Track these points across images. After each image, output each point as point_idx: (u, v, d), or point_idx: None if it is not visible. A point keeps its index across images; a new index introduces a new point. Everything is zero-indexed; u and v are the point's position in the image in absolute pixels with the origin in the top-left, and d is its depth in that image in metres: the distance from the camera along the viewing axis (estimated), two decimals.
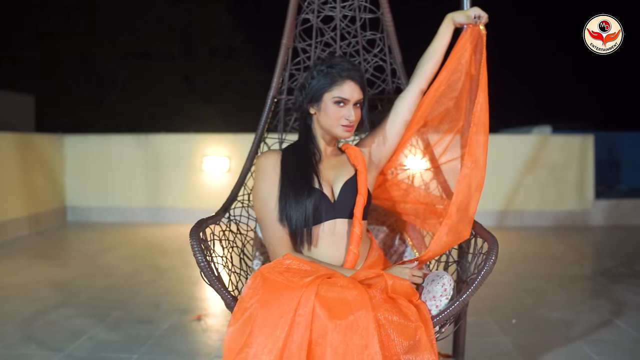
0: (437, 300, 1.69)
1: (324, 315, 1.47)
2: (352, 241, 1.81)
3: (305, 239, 1.81)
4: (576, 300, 3.66)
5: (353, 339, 1.45)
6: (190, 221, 1.83)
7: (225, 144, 7.08)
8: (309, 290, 1.51)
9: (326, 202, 1.83)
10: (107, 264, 4.70)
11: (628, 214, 6.95)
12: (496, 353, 2.74)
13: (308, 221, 1.79)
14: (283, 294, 1.52)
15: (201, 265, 1.69)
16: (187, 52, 15.89)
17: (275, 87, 2.36)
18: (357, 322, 1.47)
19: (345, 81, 1.84)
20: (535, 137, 7.17)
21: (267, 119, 2.33)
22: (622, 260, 4.83)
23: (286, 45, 2.37)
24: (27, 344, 2.82)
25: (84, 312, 3.34)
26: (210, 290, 3.84)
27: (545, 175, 6.93)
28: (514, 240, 5.88)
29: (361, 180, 1.87)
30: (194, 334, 3.00)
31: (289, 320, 1.46)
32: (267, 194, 1.85)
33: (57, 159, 6.94)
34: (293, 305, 1.48)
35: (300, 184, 1.82)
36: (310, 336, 1.46)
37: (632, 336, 2.94)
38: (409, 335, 1.53)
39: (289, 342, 1.45)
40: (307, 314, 1.47)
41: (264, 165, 1.88)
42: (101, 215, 7.07)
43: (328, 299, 1.51)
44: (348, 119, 1.84)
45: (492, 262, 1.71)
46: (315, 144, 1.93)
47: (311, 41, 2.43)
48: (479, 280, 1.69)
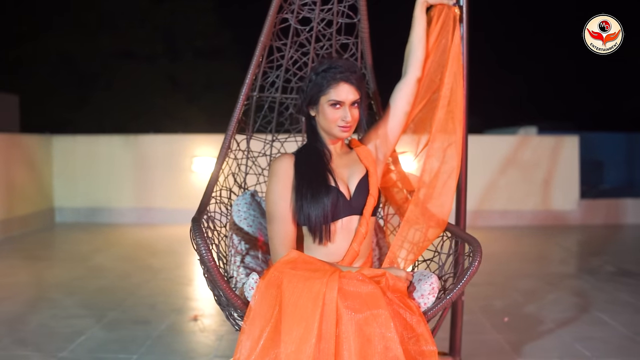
0: (425, 298, 1.77)
1: (346, 308, 1.53)
2: (356, 239, 1.88)
3: (324, 235, 1.86)
4: (565, 298, 3.73)
5: (374, 331, 1.51)
6: (179, 222, 1.87)
7: (214, 145, 7.08)
8: (332, 282, 1.57)
9: (343, 199, 1.89)
10: (98, 265, 4.69)
11: (612, 213, 7.07)
12: (490, 350, 2.79)
13: (327, 218, 1.85)
14: (306, 285, 1.57)
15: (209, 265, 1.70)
16: (172, 52, 15.82)
17: (248, 84, 2.33)
18: (376, 315, 1.53)
19: (339, 83, 1.87)
20: (522, 137, 7.27)
21: (239, 116, 2.32)
22: (608, 259, 4.92)
23: (263, 43, 2.35)
24: (23, 346, 2.81)
25: (79, 313, 3.34)
26: (204, 291, 3.86)
27: (532, 175, 7.02)
28: (501, 240, 5.95)
29: (372, 181, 1.94)
30: (191, 334, 3.02)
31: (318, 311, 1.52)
32: (279, 195, 1.89)
33: (44, 159, 6.90)
34: (320, 297, 1.54)
35: (317, 182, 1.87)
36: (336, 328, 1.52)
37: (621, 333, 3.01)
38: (413, 328, 1.60)
39: (321, 332, 1.51)
40: (333, 306, 1.53)
41: (277, 168, 1.93)
42: (89, 216, 7.04)
43: (349, 292, 1.57)
44: (344, 119, 1.88)
45: (477, 263, 1.80)
46: (324, 144, 1.98)
47: (287, 40, 2.45)
48: (465, 280, 1.77)
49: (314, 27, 2.44)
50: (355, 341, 1.50)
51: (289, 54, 2.46)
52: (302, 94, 1.96)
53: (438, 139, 2.05)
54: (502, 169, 6.97)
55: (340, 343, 1.51)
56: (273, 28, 2.37)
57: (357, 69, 1.94)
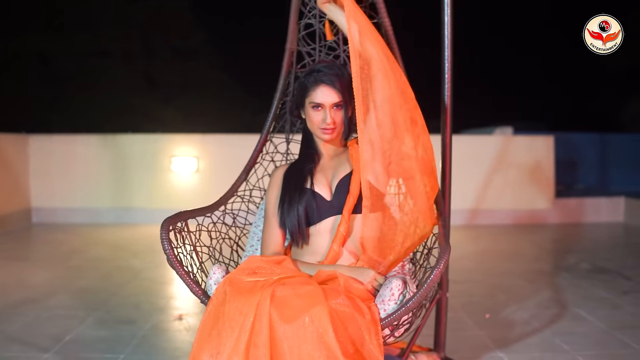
0: (385, 304, 1.70)
1: (278, 315, 1.52)
2: (336, 239, 1.88)
3: (299, 239, 1.91)
4: (544, 294, 3.81)
5: (309, 332, 1.50)
6: (159, 222, 1.91)
7: (193, 145, 7.07)
8: (265, 293, 1.57)
9: (321, 201, 1.90)
10: (79, 265, 4.66)
11: (587, 212, 7.23)
12: (473, 346, 2.84)
13: (301, 223, 1.90)
14: (243, 297, 1.58)
15: (166, 252, 1.83)
16: (147, 51, 15.70)
17: (282, 89, 2.46)
18: (312, 316, 1.51)
19: (319, 86, 1.90)
20: (498, 137, 7.38)
21: (273, 119, 2.45)
22: (584, 256, 5.03)
23: (290, 49, 2.46)
24: (8, 345, 2.79)
25: (63, 314, 3.32)
26: (186, 290, 3.85)
27: (508, 175, 7.14)
28: (479, 239, 6.05)
29: (355, 179, 1.92)
30: (177, 333, 3.02)
31: (250, 322, 1.53)
32: (269, 201, 2.01)
33: (21, 159, 6.81)
34: (253, 307, 1.54)
35: (294, 188, 1.94)
36: (271, 335, 1.51)
37: (599, 328, 3.09)
38: (360, 329, 1.58)
39: (252, 342, 1.51)
40: (265, 314, 1.52)
41: (272, 177, 2.07)
42: (67, 217, 6.96)
43: (283, 297, 1.56)
44: (325, 121, 1.90)
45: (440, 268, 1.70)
46: (314, 146, 2.01)
47: (315, 45, 2.51)
48: (425, 288, 1.68)
49: (337, 30, 2.45)
50: (291, 350, 1.49)
51: (319, 57, 2.52)
52: (292, 97, 2.01)
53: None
54: (479, 168, 7.07)
55: (277, 353, 1.50)
56: (297, 33, 2.46)
57: (342, 72, 1.94)
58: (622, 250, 5.65)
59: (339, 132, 1.96)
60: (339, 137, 1.99)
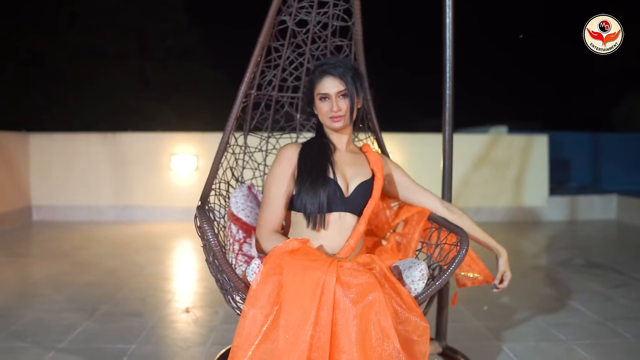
0: (415, 284, 1.87)
1: (344, 296, 1.61)
2: (353, 235, 2.00)
3: (318, 223, 1.98)
4: (539, 288, 3.92)
5: (370, 318, 1.60)
6: (159, 219, 1.97)
7: (193, 143, 7.14)
8: (331, 271, 1.65)
9: (340, 194, 2.00)
10: (82, 261, 4.72)
11: (580, 210, 7.35)
12: (472, 336, 2.94)
13: (322, 207, 1.97)
14: (306, 274, 1.65)
15: (215, 250, 1.80)
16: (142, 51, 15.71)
17: (247, 82, 2.38)
18: (372, 303, 1.61)
19: (324, 77, 2.01)
20: (493, 136, 7.49)
21: (237, 113, 2.36)
22: (577, 252, 5.14)
23: (262, 44, 2.42)
24: (21, 338, 2.87)
25: (71, 307, 3.39)
26: (192, 285, 3.95)
27: (503, 173, 7.25)
28: None
29: (377, 185, 2.07)
30: (185, 325, 3.11)
31: (317, 299, 1.60)
32: (276, 179, 2.03)
33: (21, 157, 6.87)
34: (320, 285, 1.62)
35: (317, 173, 1.99)
36: (333, 315, 1.60)
37: (593, 319, 3.20)
38: (404, 310, 1.69)
39: (318, 319, 1.59)
40: (331, 294, 1.61)
41: (282, 154, 2.05)
42: (67, 214, 7.03)
43: (346, 282, 1.65)
44: (332, 110, 2.01)
45: (465, 251, 1.96)
46: (328, 139, 2.10)
47: (284, 41, 2.57)
48: (453, 268, 1.90)
49: (310, 29, 2.55)
50: (353, 329, 1.57)
51: (286, 54, 2.58)
52: (303, 95, 2.10)
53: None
54: (475, 166, 7.18)
55: (336, 331, 1.58)
56: (272, 29, 2.47)
57: (344, 64, 2.04)
58: (615, 246, 5.76)
59: (347, 120, 2.04)
60: (347, 126, 2.08)
